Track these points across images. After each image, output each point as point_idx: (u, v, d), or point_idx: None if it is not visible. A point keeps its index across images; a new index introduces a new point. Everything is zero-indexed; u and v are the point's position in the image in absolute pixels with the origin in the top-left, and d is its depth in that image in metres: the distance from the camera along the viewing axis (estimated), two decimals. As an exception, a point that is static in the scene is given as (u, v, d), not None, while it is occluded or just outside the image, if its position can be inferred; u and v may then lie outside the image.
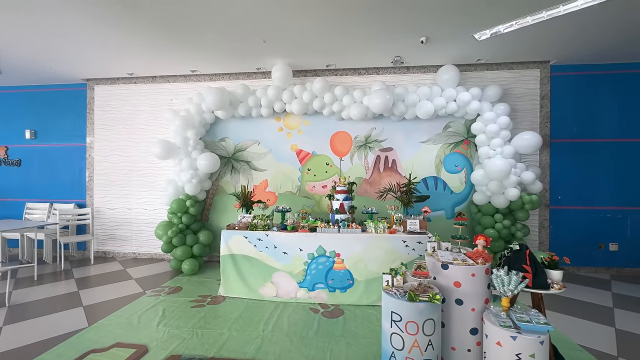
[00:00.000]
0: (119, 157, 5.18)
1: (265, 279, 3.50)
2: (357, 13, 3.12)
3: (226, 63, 4.50)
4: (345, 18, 3.22)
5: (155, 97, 5.09)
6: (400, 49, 4.02)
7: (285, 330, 2.81)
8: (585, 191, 4.45)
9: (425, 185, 4.59)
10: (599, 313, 3.18)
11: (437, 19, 3.25)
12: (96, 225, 5.22)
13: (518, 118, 4.44)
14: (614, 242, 4.38)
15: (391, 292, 2.18)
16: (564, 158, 4.46)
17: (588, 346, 2.56)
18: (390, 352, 2.14)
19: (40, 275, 4.25)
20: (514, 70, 4.48)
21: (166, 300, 3.44)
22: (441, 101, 4.20)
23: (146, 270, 4.54)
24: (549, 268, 2.14)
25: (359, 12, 3.11)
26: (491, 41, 3.72)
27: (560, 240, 4.46)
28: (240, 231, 3.56)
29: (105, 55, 4.21)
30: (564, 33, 3.55)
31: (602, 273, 4.38)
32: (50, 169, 5.37)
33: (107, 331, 2.77)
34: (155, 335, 2.70)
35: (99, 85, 5.19)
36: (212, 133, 4.92)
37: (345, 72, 4.72)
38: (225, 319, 3.02)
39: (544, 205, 4.45)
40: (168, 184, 4.44)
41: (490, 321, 1.97)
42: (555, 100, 4.45)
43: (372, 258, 3.35)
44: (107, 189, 5.21)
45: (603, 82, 4.40)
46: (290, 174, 4.81)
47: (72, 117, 5.28)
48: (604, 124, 4.41)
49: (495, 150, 4.06)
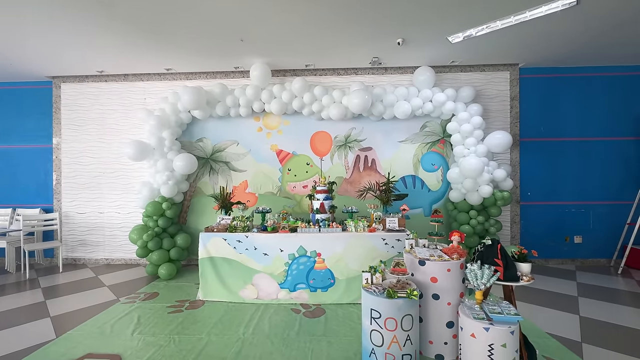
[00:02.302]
0: (89, 158, 4.93)
1: (246, 281, 3.45)
2: (335, 12, 3.14)
3: (203, 62, 4.39)
4: (324, 17, 3.23)
5: (128, 96, 4.89)
6: (378, 50, 4.08)
7: (266, 332, 2.78)
8: (552, 187, 4.70)
9: (404, 184, 4.69)
10: (565, 302, 3.38)
11: (412, 21, 3.33)
12: (65, 230, 4.95)
13: (490, 118, 4.62)
14: (578, 234, 4.67)
15: (370, 290, 2.22)
16: (533, 156, 4.70)
17: (555, 333, 2.71)
18: (370, 349, 2.17)
19: (2, 286, 3.97)
20: (485, 72, 4.66)
21: (141, 307, 3.31)
22: (418, 101, 4.31)
23: (120, 276, 4.35)
24: (519, 261, 2.24)
25: (338, 12, 3.13)
26: (464, 44, 3.86)
27: (530, 234, 4.69)
28: (219, 233, 3.49)
29: (72, 52, 3.99)
30: (531, 37, 3.74)
31: (567, 264, 4.66)
32: (13, 171, 5.02)
33: (77, 342, 2.62)
34: (129, 344, 2.59)
35: (66, 84, 4.92)
36: (188, 133, 4.79)
37: (325, 72, 4.73)
38: (204, 323, 2.94)
39: (514, 202, 4.67)
40: (143, 186, 4.28)
41: (465, 314, 2.05)
42: (524, 101, 4.68)
43: (352, 257, 3.38)
44: (76, 192, 4.95)
45: (567, 85, 4.67)
46: (271, 174, 4.77)
47: (37, 117, 4.98)
48: (568, 124, 4.69)
49: (469, 149, 4.21)
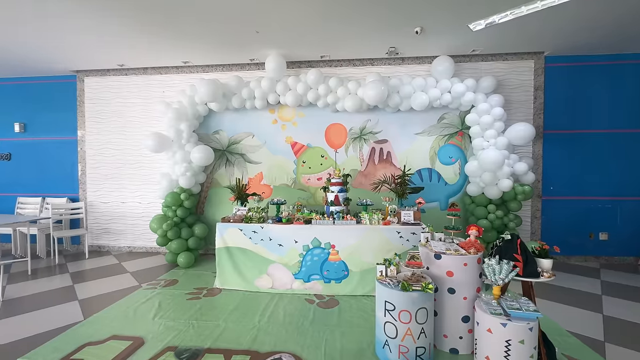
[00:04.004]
0: (112, 150, 5.11)
1: (261, 271, 3.52)
2: (351, 2, 3.08)
3: (219, 54, 4.43)
4: (340, 7, 3.17)
5: (147, 89, 5.01)
6: (395, 40, 3.99)
7: (280, 320, 2.84)
8: (577, 182, 4.51)
9: (419, 177, 4.62)
10: (588, 300, 3.26)
11: (431, 9, 3.22)
12: (90, 219, 5.18)
13: (512, 109, 4.45)
14: (604, 231, 4.47)
15: (385, 282, 2.21)
16: (557, 149, 4.51)
17: (576, 332, 2.63)
18: (384, 341, 2.18)
19: (35, 270, 4.22)
20: (508, 61, 4.47)
21: (162, 293, 3.45)
22: (436, 92, 4.19)
23: (141, 263, 4.53)
24: (540, 257, 2.17)
25: (354, 1, 3.07)
26: (486, 32, 3.70)
27: (552, 230, 4.53)
28: (235, 224, 3.56)
29: (95, 46, 4.10)
30: (558, 23, 3.54)
31: (591, 262, 4.48)
32: (42, 162, 5.28)
33: (103, 324, 2.77)
34: (151, 327, 2.71)
35: (89, 77, 5.09)
36: (205, 125, 4.87)
37: (340, 63, 4.67)
38: (221, 310, 3.04)
39: (536, 196, 4.51)
40: (162, 177, 4.41)
41: (481, 309, 2.02)
42: (549, 91, 4.47)
43: (366, 249, 3.38)
44: (100, 182, 5.16)
45: (596, 73, 4.42)
46: (285, 166, 4.80)
47: (63, 110, 5.18)
48: (596, 114, 4.45)
49: (489, 141, 4.08)
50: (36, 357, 2.30)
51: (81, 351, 2.37)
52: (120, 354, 2.32)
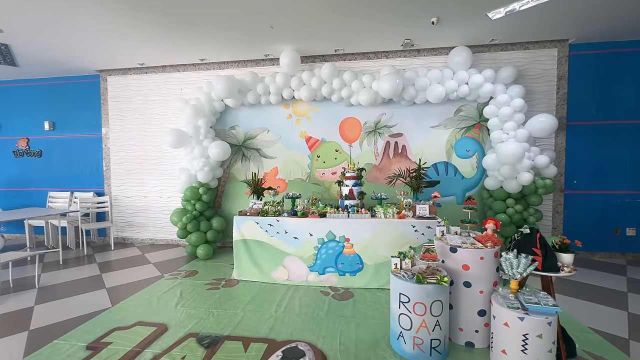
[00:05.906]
0: (134, 146, 5.31)
1: (277, 263, 3.60)
2: (365, -5, 3.05)
3: (234, 50, 4.49)
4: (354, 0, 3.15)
5: (166, 87, 5.16)
6: (410, 31, 3.92)
7: (296, 311, 2.91)
8: (602, 175, 4.32)
9: (435, 171, 4.56)
10: (612, 297, 3.15)
11: (448, -2, 3.15)
12: (114, 212, 5.43)
13: (533, 100, 4.30)
14: (632, 227, 4.28)
15: (399, 275, 2.23)
16: (581, 141, 4.32)
17: (598, 329, 2.56)
18: (399, 332, 2.20)
19: (65, 260, 4.49)
20: (529, 50, 4.31)
21: (183, 283, 3.60)
22: (453, 84, 4.11)
23: (163, 255, 4.72)
24: (560, 251, 2.13)
25: (368, -6, 3.04)
26: (506, 20, 3.58)
27: (574, 225, 4.38)
28: (251, 217, 3.65)
29: (117, 46, 4.26)
30: (584, 9, 3.37)
31: (617, 258, 4.30)
32: (70, 159, 5.56)
33: (129, 311, 2.93)
34: (174, 315, 2.85)
35: (112, 76, 5.29)
36: (222, 121, 4.97)
37: (354, 57, 4.64)
38: (239, 300, 3.14)
39: (558, 190, 4.36)
40: (181, 172, 4.56)
41: (498, 303, 2.00)
42: (573, 80, 4.28)
43: (381, 243, 3.39)
44: (123, 177, 5.39)
45: (624, 61, 4.19)
46: (300, 161, 4.85)
47: (88, 108, 5.42)
48: (624, 105, 4.23)
49: (508, 134, 3.97)
50: (70, 339, 2.47)
51: (110, 335, 2.52)
52: (146, 339, 2.46)
